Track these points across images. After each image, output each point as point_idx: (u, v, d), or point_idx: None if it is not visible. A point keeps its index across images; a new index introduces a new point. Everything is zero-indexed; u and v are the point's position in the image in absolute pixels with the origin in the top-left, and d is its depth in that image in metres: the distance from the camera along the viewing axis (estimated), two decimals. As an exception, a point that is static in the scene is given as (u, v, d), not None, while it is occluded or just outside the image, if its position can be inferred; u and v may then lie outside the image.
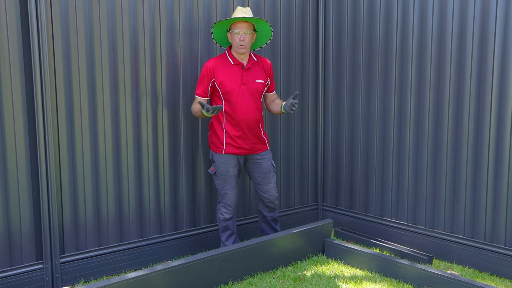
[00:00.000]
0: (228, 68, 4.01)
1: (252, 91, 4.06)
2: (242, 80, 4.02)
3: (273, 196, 4.28)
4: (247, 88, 4.04)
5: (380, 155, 4.64)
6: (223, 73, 3.99)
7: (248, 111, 4.04)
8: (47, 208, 3.67)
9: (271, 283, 3.85)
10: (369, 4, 4.58)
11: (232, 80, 4.00)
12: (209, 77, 3.98)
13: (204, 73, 3.99)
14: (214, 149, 4.14)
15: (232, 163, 4.11)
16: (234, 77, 4.01)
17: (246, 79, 4.04)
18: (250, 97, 4.05)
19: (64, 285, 3.80)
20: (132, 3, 3.90)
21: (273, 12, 4.67)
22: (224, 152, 4.08)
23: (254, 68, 4.10)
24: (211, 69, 3.97)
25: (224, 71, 3.99)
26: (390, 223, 4.61)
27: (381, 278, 3.91)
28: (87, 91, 3.77)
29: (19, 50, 3.48)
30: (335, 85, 4.95)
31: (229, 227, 4.21)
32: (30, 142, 3.59)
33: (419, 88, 4.29)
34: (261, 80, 4.12)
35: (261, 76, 4.13)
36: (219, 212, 4.21)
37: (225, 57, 4.05)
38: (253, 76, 4.07)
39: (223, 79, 3.98)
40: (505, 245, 3.91)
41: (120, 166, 3.99)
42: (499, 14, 3.77)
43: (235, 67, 4.02)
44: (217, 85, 4.00)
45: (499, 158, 3.88)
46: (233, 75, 4.01)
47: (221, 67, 3.99)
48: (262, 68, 4.14)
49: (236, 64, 4.02)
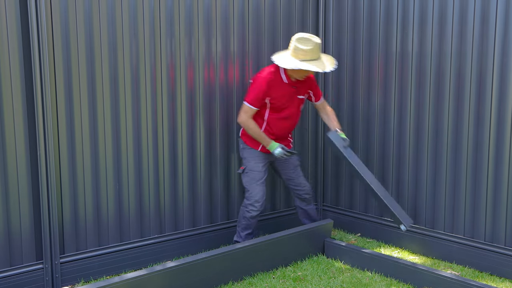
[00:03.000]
0: (282, 87, 4.12)
1: (295, 107, 4.25)
2: (291, 98, 4.18)
3: (308, 187, 4.50)
4: (292, 105, 4.21)
5: (380, 155, 4.64)
6: (277, 91, 4.10)
7: (287, 125, 4.27)
8: (47, 208, 3.67)
9: (271, 283, 3.85)
10: (369, 4, 4.58)
11: (283, 98, 4.13)
12: (266, 93, 4.08)
13: (262, 88, 4.06)
14: (250, 144, 4.23)
15: (263, 161, 4.25)
16: (285, 95, 4.14)
17: (294, 96, 4.21)
18: (293, 113, 4.24)
19: (64, 285, 3.80)
20: (132, 3, 3.90)
21: (273, 12, 4.67)
22: (260, 150, 4.22)
23: (301, 86, 4.23)
24: (270, 85, 4.07)
25: (278, 89, 4.11)
26: (390, 223, 4.61)
27: (381, 278, 3.91)
28: (87, 91, 3.77)
29: (19, 50, 3.48)
30: (335, 85, 4.95)
31: (251, 226, 4.27)
32: (30, 142, 3.59)
33: (419, 88, 4.29)
34: (302, 96, 4.29)
35: (304, 92, 4.29)
36: (245, 209, 4.25)
37: (278, 74, 4.13)
38: (298, 93, 4.22)
39: (276, 96, 4.10)
40: (505, 245, 3.91)
41: (120, 166, 3.99)
42: (499, 14, 3.77)
43: (287, 86, 4.14)
44: (268, 100, 4.11)
45: (499, 158, 3.88)
46: (284, 94, 4.14)
47: (275, 84, 4.10)
48: (306, 83, 4.26)
49: (289, 83, 4.15)
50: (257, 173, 4.21)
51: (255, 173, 4.20)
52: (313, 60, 3.99)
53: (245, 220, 4.24)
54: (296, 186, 4.45)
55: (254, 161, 4.22)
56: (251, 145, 4.24)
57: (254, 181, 4.20)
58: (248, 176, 4.22)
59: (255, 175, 4.21)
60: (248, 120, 4.12)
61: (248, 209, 4.22)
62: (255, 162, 4.22)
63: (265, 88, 4.06)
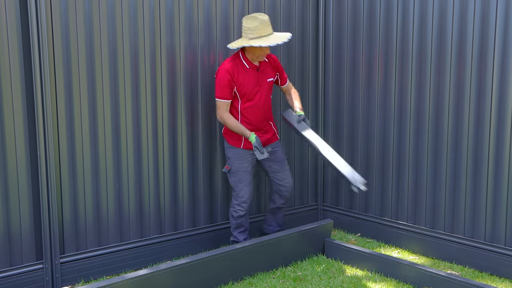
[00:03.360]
0: (245, 72, 4.07)
1: (265, 91, 4.18)
2: (258, 82, 4.13)
3: (291, 185, 4.39)
4: (261, 89, 4.15)
5: (380, 155, 4.64)
6: (240, 78, 4.05)
7: (262, 111, 4.19)
8: (47, 208, 3.67)
9: (271, 283, 3.85)
10: (369, 4, 4.58)
11: (249, 83, 4.08)
12: (229, 81, 4.02)
13: (225, 78, 4.01)
14: (231, 142, 4.18)
15: (247, 159, 4.18)
16: (250, 80, 4.08)
17: (261, 80, 4.14)
18: (264, 97, 4.17)
19: (64, 285, 3.80)
20: (132, 3, 3.90)
21: (273, 12, 4.66)
22: (242, 147, 4.15)
23: (266, 68, 4.19)
24: (231, 73, 4.01)
25: (241, 76, 4.05)
26: (390, 223, 4.61)
27: (381, 278, 3.91)
28: (87, 91, 3.77)
29: (19, 50, 3.48)
30: (335, 85, 4.95)
31: (242, 224, 4.27)
32: (30, 142, 3.59)
33: (419, 88, 4.29)
34: (271, 78, 4.23)
35: (271, 74, 4.23)
36: (233, 209, 4.24)
37: (239, 61, 4.08)
38: (265, 76, 4.17)
39: (241, 82, 4.06)
40: (505, 245, 3.91)
41: (120, 166, 3.99)
42: (499, 14, 3.77)
43: (250, 70, 4.10)
44: (236, 89, 4.07)
45: (499, 158, 3.88)
46: (250, 79, 4.08)
47: (238, 71, 4.05)
48: (270, 65, 4.23)
49: (251, 67, 4.10)
50: (243, 174, 4.17)
51: (241, 174, 4.17)
52: (262, 36, 3.94)
53: (234, 220, 4.26)
54: (280, 181, 4.33)
55: (238, 162, 4.16)
56: (233, 144, 4.18)
57: (240, 182, 4.18)
58: (235, 177, 4.19)
59: (241, 176, 4.17)
60: (223, 115, 4.07)
61: (235, 209, 4.23)
62: (240, 162, 4.17)
63: (226, 76, 4.00)
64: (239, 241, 4.27)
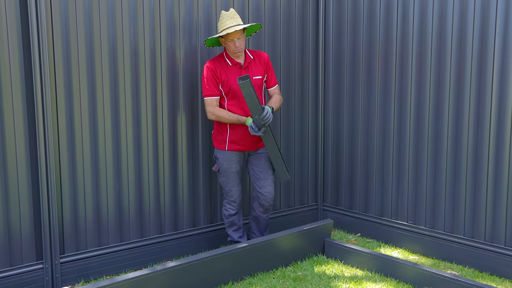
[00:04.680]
0: (228, 69, 4.05)
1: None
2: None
3: (270, 194, 4.25)
4: None
5: (380, 155, 4.64)
6: (223, 74, 4.03)
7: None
8: (47, 208, 3.67)
9: (271, 283, 3.85)
10: (369, 4, 4.58)
11: (233, 79, 4.04)
12: (213, 78, 4.01)
13: (209, 75, 4.01)
14: (217, 146, 4.18)
15: (234, 160, 4.16)
16: (234, 76, 4.04)
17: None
18: None
19: (64, 285, 3.80)
20: (132, 3, 3.90)
21: (273, 12, 4.67)
22: (227, 149, 4.13)
23: (252, 66, 4.14)
24: (214, 69, 4.01)
25: (224, 73, 4.03)
26: (390, 223, 4.61)
27: (381, 278, 3.91)
28: (87, 91, 3.77)
29: (19, 50, 3.48)
30: (335, 85, 4.95)
31: (234, 222, 4.27)
32: (30, 142, 3.59)
33: (419, 88, 4.29)
34: (259, 76, 4.17)
35: (259, 72, 4.17)
36: (224, 208, 4.27)
37: (222, 59, 4.08)
38: (251, 74, 4.11)
39: (224, 79, 4.03)
40: (505, 245, 3.91)
41: (120, 166, 3.99)
42: (499, 14, 3.77)
43: (233, 67, 4.06)
44: (221, 87, 4.05)
45: (499, 158, 3.88)
46: (233, 75, 4.04)
47: (221, 67, 4.03)
48: (259, 63, 4.19)
49: (234, 64, 4.07)
50: (231, 175, 4.18)
51: (229, 174, 4.17)
52: (224, 29, 3.92)
53: (226, 218, 4.28)
54: (260, 188, 4.22)
55: (226, 163, 4.15)
56: (218, 147, 4.16)
57: (229, 182, 4.18)
58: (224, 177, 4.19)
59: (229, 177, 4.18)
60: (214, 110, 4.04)
61: (226, 208, 4.26)
62: (227, 163, 4.15)
63: (210, 73, 4.00)
64: (234, 240, 4.28)
